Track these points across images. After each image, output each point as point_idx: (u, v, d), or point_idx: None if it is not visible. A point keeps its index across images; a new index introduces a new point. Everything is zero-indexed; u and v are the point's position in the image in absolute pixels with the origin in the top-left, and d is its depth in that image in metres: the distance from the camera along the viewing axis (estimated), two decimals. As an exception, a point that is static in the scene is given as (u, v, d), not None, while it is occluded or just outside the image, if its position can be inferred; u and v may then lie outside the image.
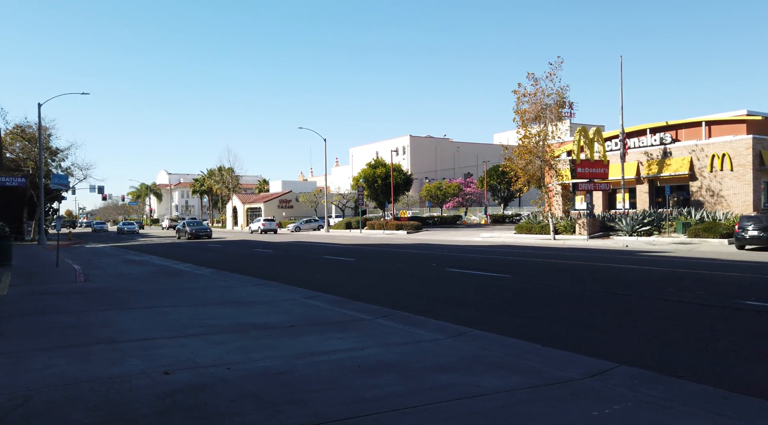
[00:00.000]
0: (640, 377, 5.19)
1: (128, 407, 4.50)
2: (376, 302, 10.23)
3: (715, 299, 10.19)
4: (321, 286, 13.00)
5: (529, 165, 31.50)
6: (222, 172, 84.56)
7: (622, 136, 33.05)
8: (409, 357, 6.12)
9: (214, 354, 6.26)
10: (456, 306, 10.18)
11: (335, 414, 4.28)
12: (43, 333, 7.62)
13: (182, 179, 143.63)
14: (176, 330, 7.79)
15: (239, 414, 4.29)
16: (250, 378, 5.27)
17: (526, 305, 10.19)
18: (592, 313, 9.30)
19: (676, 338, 7.34)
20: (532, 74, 31.01)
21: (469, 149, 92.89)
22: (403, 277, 15.41)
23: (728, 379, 5.45)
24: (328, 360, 5.94)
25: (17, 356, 6.30)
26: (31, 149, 43.76)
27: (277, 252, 27.70)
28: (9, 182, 31.39)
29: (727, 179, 31.34)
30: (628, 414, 4.27)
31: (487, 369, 5.60)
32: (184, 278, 15.01)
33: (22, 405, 4.57)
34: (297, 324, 8.09)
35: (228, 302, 10.51)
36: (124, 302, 10.71)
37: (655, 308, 9.57)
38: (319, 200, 68.21)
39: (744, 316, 8.67)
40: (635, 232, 29.05)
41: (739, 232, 22.64)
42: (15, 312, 9.51)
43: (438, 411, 4.34)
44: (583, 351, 6.47)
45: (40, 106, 37.85)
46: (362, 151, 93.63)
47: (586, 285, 12.52)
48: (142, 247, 35.58)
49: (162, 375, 5.38)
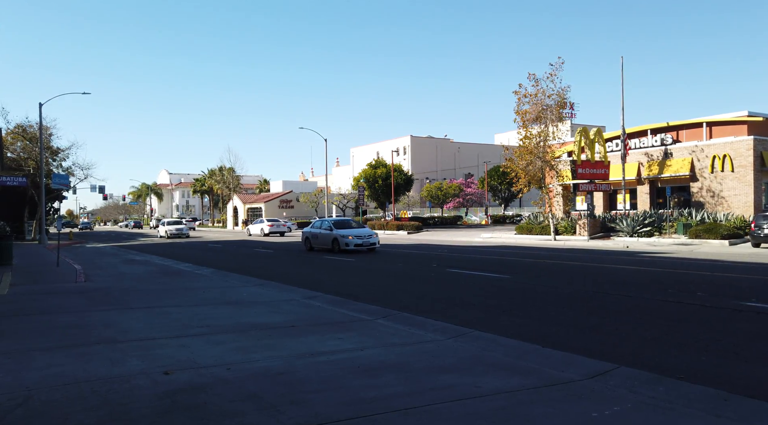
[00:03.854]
0: (640, 378, 5.18)
1: (128, 407, 4.50)
2: (376, 303, 10.23)
3: (715, 300, 10.18)
4: (321, 286, 13.00)
5: (530, 166, 31.48)
6: (223, 172, 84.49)
7: (622, 136, 33.02)
8: (409, 357, 6.12)
9: (215, 354, 6.26)
10: (456, 307, 10.18)
11: (335, 414, 4.28)
12: (44, 333, 7.63)
13: (183, 178, 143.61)
14: (177, 330, 7.80)
15: (239, 415, 4.29)
16: (251, 379, 5.28)
17: (527, 306, 10.19)
18: (592, 314, 9.29)
19: (676, 339, 7.33)
20: (533, 75, 31.02)
21: (469, 149, 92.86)
22: (403, 277, 15.41)
23: (728, 380, 5.45)
24: (329, 361, 5.94)
25: (17, 355, 6.30)
26: (32, 149, 43.79)
27: (277, 252, 27.70)
28: (10, 181, 31.43)
29: (727, 180, 31.30)
30: (628, 415, 4.27)
31: (488, 369, 5.60)
32: (184, 278, 15.02)
33: (22, 404, 4.58)
34: (297, 324, 8.09)
35: (228, 303, 10.51)
36: (124, 302, 10.72)
37: (655, 309, 9.57)
38: (320, 200, 68.23)
39: (744, 317, 8.66)
40: (636, 233, 29.02)
41: (755, 230, 22.66)
42: (15, 312, 9.52)
43: (438, 412, 4.34)
44: (583, 351, 6.47)
45: (41, 105, 37.91)
46: (363, 151, 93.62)
47: (586, 286, 12.51)
48: (142, 247, 35.60)
49: (162, 375, 5.39)
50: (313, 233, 27.30)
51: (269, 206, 76.51)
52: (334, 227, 25.98)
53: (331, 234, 25.58)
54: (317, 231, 27.07)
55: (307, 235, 28.00)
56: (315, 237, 27.03)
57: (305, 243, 27.98)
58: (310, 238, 27.61)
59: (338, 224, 26.71)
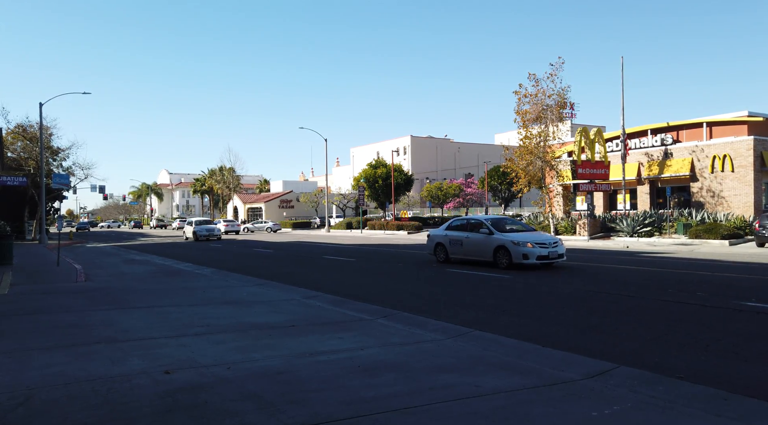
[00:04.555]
0: (640, 378, 5.19)
1: (129, 406, 4.51)
2: (376, 303, 10.24)
3: (715, 300, 10.18)
4: (321, 286, 13.01)
5: (530, 166, 31.49)
6: (223, 172, 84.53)
7: (623, 137, 33.03)
8: (409, 357, 6.12)
9: (215, 354, 6.27)
10: (456, 307, 10.19)
11: (335, 413, 4.29)
12: (44, 332, 7.64)
13: (183, 178, 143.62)
14: (177, 329, 7.80)
15: (239, 414, 4.30)
16: (251, 378, 5.28)
17: (526, 306, 10.19)
18: (592, 314, 9.30)
19: (676, 339, 7.34)
20: (534, 75, 31.04)
21: (470, 149, 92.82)
22: (403, 277, 15.41)
23: (728, 380, 5.45)
24: (329, 360, 5.95)
25: (18, 355, 6.31)
26: (33, 149, 43.81)
27: (278, 252, 27.70)
28: (10, 181, 31.43)
29: (728, 180, 31.31)
30: (628, 414, 4.27)
31: (487, 369, 5.60)
32: (184, 278, 15.03)
33: (22, 404, 4.58)
34: (297, 324, 8.10)
35: (228, 302, 10.51)
36: (124, 301, 10.72)
37: (655, 309, 9.57)
38: (320, 200, 68.22)
39: (744, 317, 8.67)
40: (636, 233, 29.03)
41: (759, 230, 22.62)
42: (16, 311, 9.53)
43: (438, 412, 4.34)
44: (583, 351, 6.47)
45: (42, 105, 37.91)
46: (363, 151, 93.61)
47: (586, 286, 12.51)
48: (143, 247, 35.60)
49: (163, 375, 5.39)
50: (455, 237, 18.12)
51: (269, 206, 76.53)
52: (495, 229, 16.93)
53: (493, 240, 16.61)
54: (460, 235, 17.90)
55: (439, 240, 18.72)
56: (457, 244, 17.94)
57: (436, 251, 18.97)
58: (446, 245, 18.38)
59: (497, 223, 17.54)
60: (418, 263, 18.99)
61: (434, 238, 19.15)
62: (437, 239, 18.90)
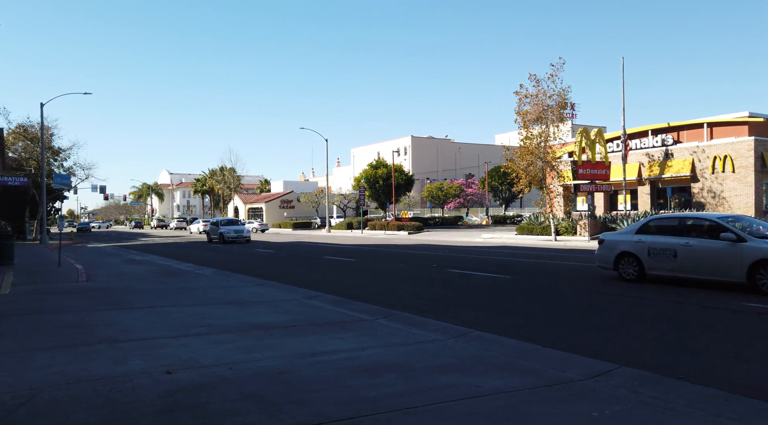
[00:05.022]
0: (640, 378, 5.20)
1: (130, 406, 4.52)
2: (376, 303, 10.24)
3: (716, 300, 10.18)
4: (322, 286, 13.02)
5: (531, 166, 31.47)
6: (224, 172, 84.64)
7: (623, 137, 33.02)
8: (409, 357, 6.13)
9: (216, 354, 6.28)
10: (457, 307, 10.19)
11: (336, 413, 4.30)
12: (46, 332, 7.65)
13: (184, 178, 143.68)
14: (178, 329, 7.81)
15: (241, 414, 4.31)
16: (252, 378, 5.29)
17: (527, 306, 10.20)
18: (593, 314, 9.30)
19: (676, 339, 7.34)
20: (534, 75, 31.02)
21: (470, 149, 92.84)
22: (403, 277, 15.42)
23: (729, 380, 5.46)
24: (329, 360, 5.96)
25: (20, 355, 6.32)
26: (34, 149, 43.86)
27: (279, 252, 27.72)
28: (11, 181, 31.47)
29: (728, 181, 31.31)
30: (628, 415, 4.28)
31: (488, 369, 5.61)
32: (185, 278, 15.04)
33: (25, 404, 4.60)
34: (298, 324, 8.11)
35: (229, 302, 10.52)
36: (125, 301, 10.74)
37: (655, 309, 9.58)
38: (321, 200, 68.26)
39: (744, 318, 8.68)
40: (637, 233, 28.98)
41: None
42: (17, 311, 9.54)
43: (439, 412, 4.35)
44: (584, 352, 6.47)
45: (43, 106, 37.96)
46: (364, 151, 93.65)
47: (586, 286, 12.51)
48: (143, 247, 35.63)
49: (164, 375, 5.41)
50: (661, 244, 12.19)
51: (270, 206, 76.55)
52: (747, 233, 11.08)
53: (746, 250, 10.76)
54: (673, 242, 12.01)
55: (628, 248, 12.71)
56: (666, 254, 12.06)
57: (619, 265, 12.95)
58: (640, 255, 12.50)
59: (747, 225, 11.62)
60: (419, 264, 18.99)
61: (615, 245, 13.08)
62: (622, 247, 12.86)
